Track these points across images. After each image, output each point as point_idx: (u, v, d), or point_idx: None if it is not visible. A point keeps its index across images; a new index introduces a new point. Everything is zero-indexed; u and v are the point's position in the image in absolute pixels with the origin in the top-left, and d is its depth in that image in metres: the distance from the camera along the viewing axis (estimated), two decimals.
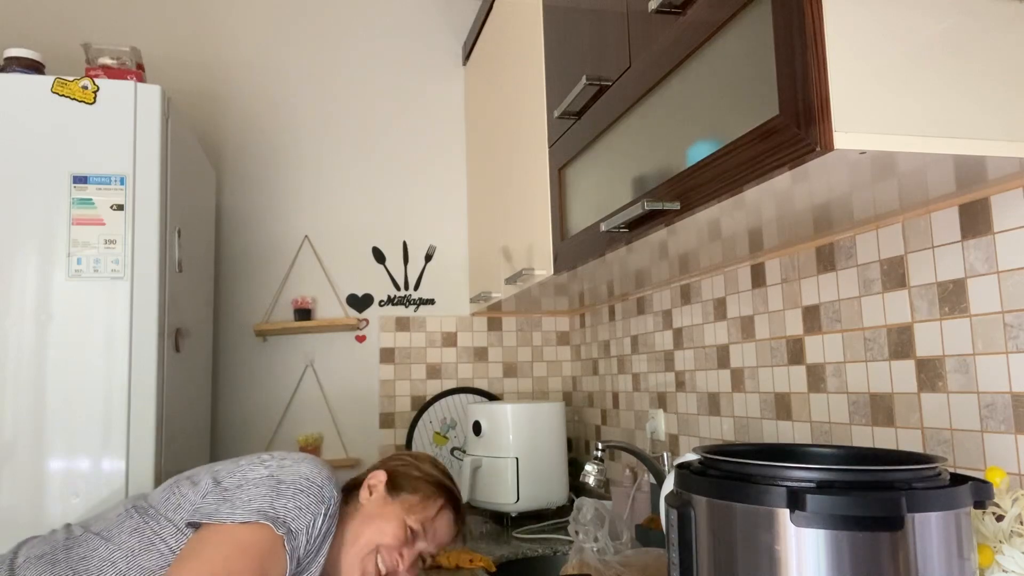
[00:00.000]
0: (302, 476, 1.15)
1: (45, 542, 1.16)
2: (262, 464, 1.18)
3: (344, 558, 1.25)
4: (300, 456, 1.22)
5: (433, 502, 1.32)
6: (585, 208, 1.46)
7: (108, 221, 1.61)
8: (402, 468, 1.35)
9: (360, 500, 1.30)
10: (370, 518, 1.27)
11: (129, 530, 1.14)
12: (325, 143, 2.47)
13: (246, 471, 1.17)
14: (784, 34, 0.83)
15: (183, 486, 1.19)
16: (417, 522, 1.28)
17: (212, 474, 1.19)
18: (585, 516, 1.56)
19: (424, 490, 1.32)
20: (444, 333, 2.50)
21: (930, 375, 1.10)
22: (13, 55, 1.68)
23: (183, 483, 1.20)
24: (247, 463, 1.20)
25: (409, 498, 1.30)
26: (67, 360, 1.57)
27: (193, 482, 1.19)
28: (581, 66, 1.44)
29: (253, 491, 1.12)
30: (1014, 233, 0.97)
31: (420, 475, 1.34)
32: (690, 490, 0.83)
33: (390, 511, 1.28)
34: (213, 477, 1.18)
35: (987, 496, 0.76)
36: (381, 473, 1.33)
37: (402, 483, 1.32)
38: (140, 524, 1.14)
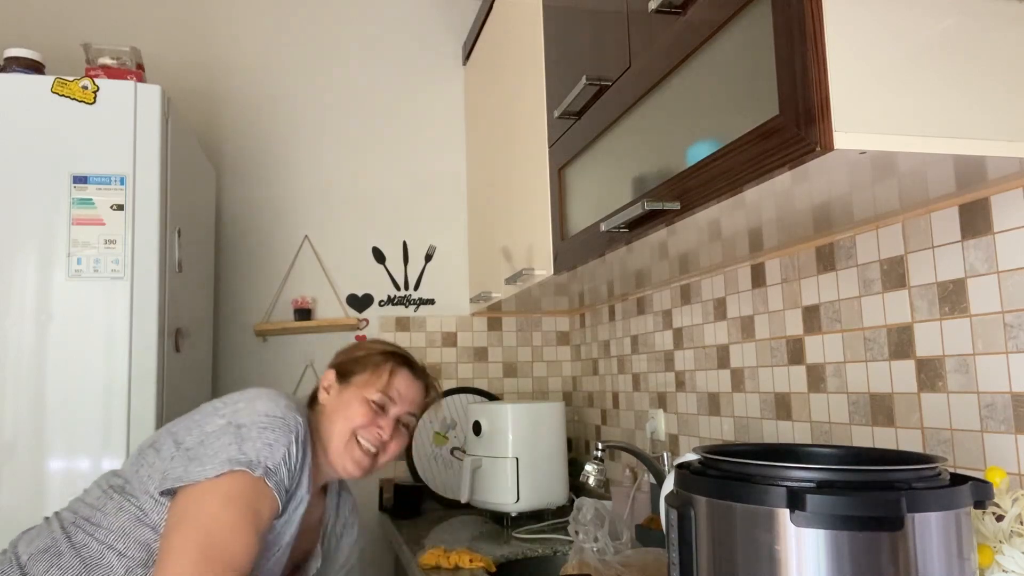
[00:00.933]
0: (261, 414, 1.14)
1: (42, 534, 1.14)
2: (217, 414, 1.15)
3: (331, 458, 1.28)
4: (253, 394, 1.19)
5: (382, 369, 1.33)
6: (585, 208, 1.46)
7: (108, 221, 1.61)
8: (345, 358, 1.37)
9: (321, 403, 1.34)
10: (334, 412, 1.30)
11: (114, 511, 1.12)
12: (325, 143, 2.47)
13: (203, 425, 1.14)
14: (784, 34, 0.83)
15: (148, 455, 1.16)
16: (376, 392, 1.31)
17: (171, 436, 1.16)
18: (585, 516, 1.55)
19: (370, 363, 1.34)
20: (444, 333, 2.50)
21: (930, 375, 1.10)
22: (13, 55, 1.68)
23: (148, 452, 1.17)
24: (202, 417, 1.16)
25: (359, 377, 1.33)
26: (67, 360, 1.57)
27: (156, 448, 1.16)
28: (581, 66, 1.44)
29: (216, 443, 1.10)
30: (1014, 233, 0.97)
31: (363, 353, 1.36)
32: (690, 490, 0.83)
33: (348, 396, 1.31)
34: (173, 439, 1.15)
35: (987, 496, 0.76)
36: (329, 371, 1.36)
37: (349, 369, 1.34)
38: (122, 502, 1.12)
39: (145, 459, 1.15)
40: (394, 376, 1.34)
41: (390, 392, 1.32)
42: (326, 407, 1.32)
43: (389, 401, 1.32)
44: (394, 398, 1.33)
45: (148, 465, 1.14)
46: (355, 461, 1.28)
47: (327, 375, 1.37)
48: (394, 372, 1.34)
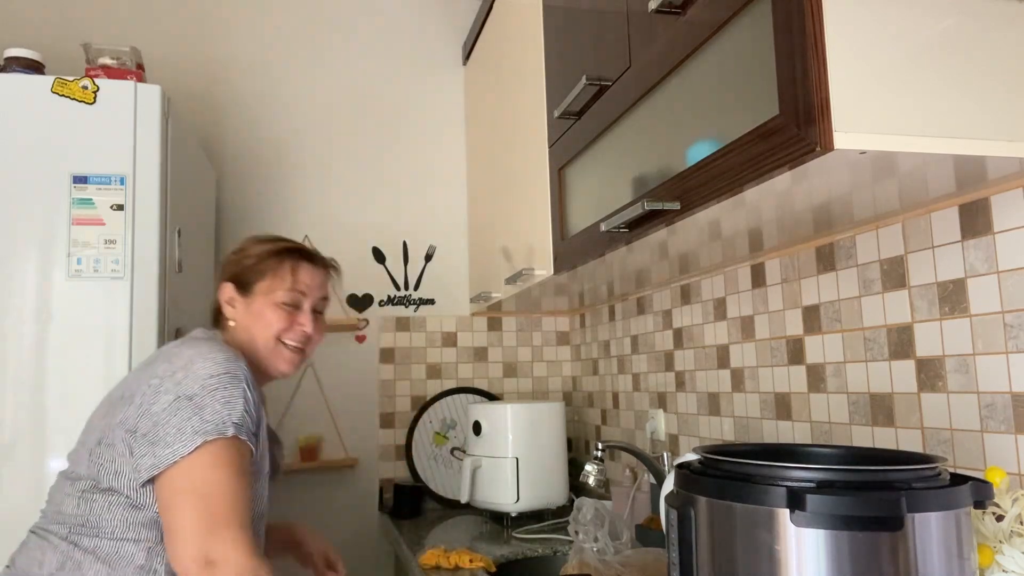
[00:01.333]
0: (205, 377, 1.12)
1: (48, 551, 1.12)
2: (160, 391, 1.11)
3: (263, 366, 1.30)
4: (186, 359, 1.14)
5: (281, 270, 1.31)
6: (585, 208, 1.46)
7: (108, 221, 1.61)
8: (236, 268, 1.33)
9: (230, 319, 1.32)
10: (251, 325, 1.30)
11: (105, 509, 1.11)
12: (325, 143, 2.47)
13: (150, 407, 1.10)
14: (784, 34, 0.83)
15: (103, 453, 1.12)
16: (284, 294, 1.30)
17: (121, 427, 1.12)
18: (585, 516, 1.56)
19: (266, 267, 1.31)
20: (444, 333, 2.50)
21: (930, 375, 1.10)
22: (13, 55, 1.68)
23: (100, 450, 1.13)
24: (144, 399, 1.12)
25: (261, 285, 1.31)
26: (67, 360, 1.57)
27: (109, 444, 1.13)
28: (581, 66, 1.44)
29: (174, 419, 1.08)
30: (1014, 233, 0.97)
31: (253, 260, 1.32)
32: (690, 490, 0.83)
33: (258, 306, 1.30)
34: (124, 430, 1.11)
35: (987, 496, 0.76)
36: (225, 286, 1.33)
37: (247, 279, 1.32)
38: (108, 499, 1.11)
39: (101, 457, 1.13)
40: (296, 272, 1.32)
41: (298, 288, 1.31)
42: (238, 323, 1.31)
43: (300, 296, 1.32)
44: (304, 292, 1.32)
45: (109, 461, 1.12)
46: (286, 361, 1.31)
47: (224, 289, 1.33)
48: (295, 268, 1.32)
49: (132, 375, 1.21)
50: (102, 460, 1.12)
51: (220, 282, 1.35)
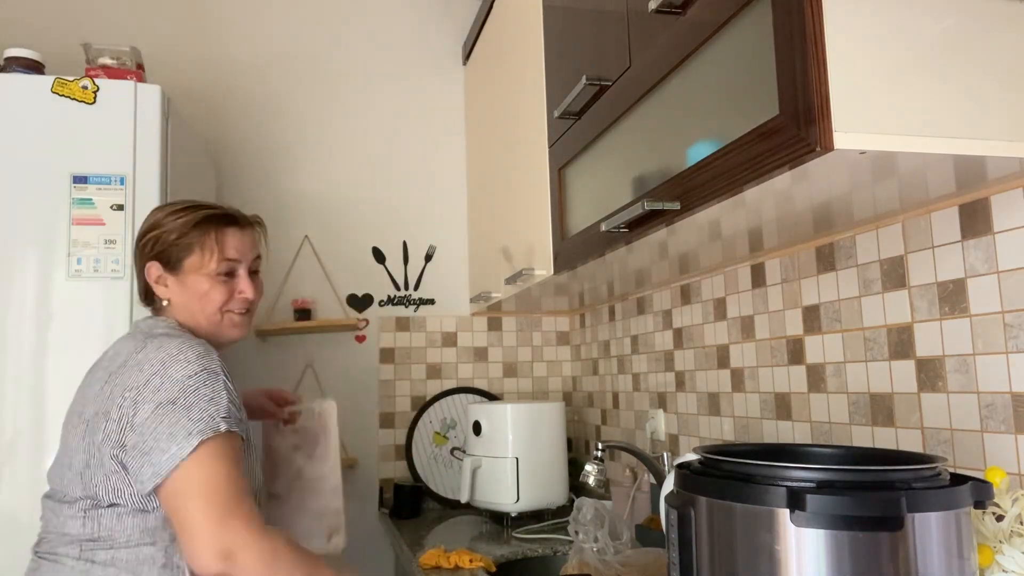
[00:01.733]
0: (182, 379, 1.08)
1: (61, 572, 1.10)
2: (139, 403, 1.08)
3: (212, 338, 1.25)
4: (157, 364, 1.10)
5: (208, 241, 1.24)
6: (585, 208, 1.46)
7: (108, 221, 1.61)
8: (159, 246, 1.24)
9: (163, 298, 1.26)
10: (189, 302, 1.24)
11: (115, 520, 1.09)
12: (325, 143, 2.47)
13: (131, 419, 1.07)
14: (784, 34, 0.83)
15: (95, 475, 1.09)
16: (216, 265, 1.24)
17: (107, 445, 1.08)
18: (585, 516, 1.55)
19: (191, 241, 1.23)
20: (444, 333, 2.50)
21: (930, 375, 1.10)
22: (13, 55, 1.68)
23: (93, 472, 1.09)
24: (123, 413, 1.08)
25: (190, 261, 1.23)
26: (67, 360, 1.57)
27: (99, 464, 1.09)
28: (581, 66, 1.44)
29: (160, 427, 1.06)
30: (1014, 233, 0.97)
31: (175, 234, 1.23)
32: (690, 490, 0.83)
33: (192, 282, 1.23)
34: (111, 446, 1.08)
35: (987, 496, 0.76)
36: (151, 266, 1.25)
37: (172, 256, 1.24)
38: (115, 512, 1.10)
39: (93, 479, 1.10)
40: (223, 240, 1.25)
41: (229, 256, 1.25)
42: (175, 301, 1.25)
43: (234, 264, 1.26)
44: (236, 258, 1.26)
45: (103, 480, 1.09)
46: (234, 326, 1.27)
47: (152, 269, 1.24)
48: (220, 236, 1.25)
49: (94, 386, 1.15)
50: (95, 481, 1.10)
51: (142, 262, 1.26)
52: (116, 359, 1.16)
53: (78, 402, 1.18)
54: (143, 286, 1.28)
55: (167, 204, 1.30)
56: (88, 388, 1.17)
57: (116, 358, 1.16)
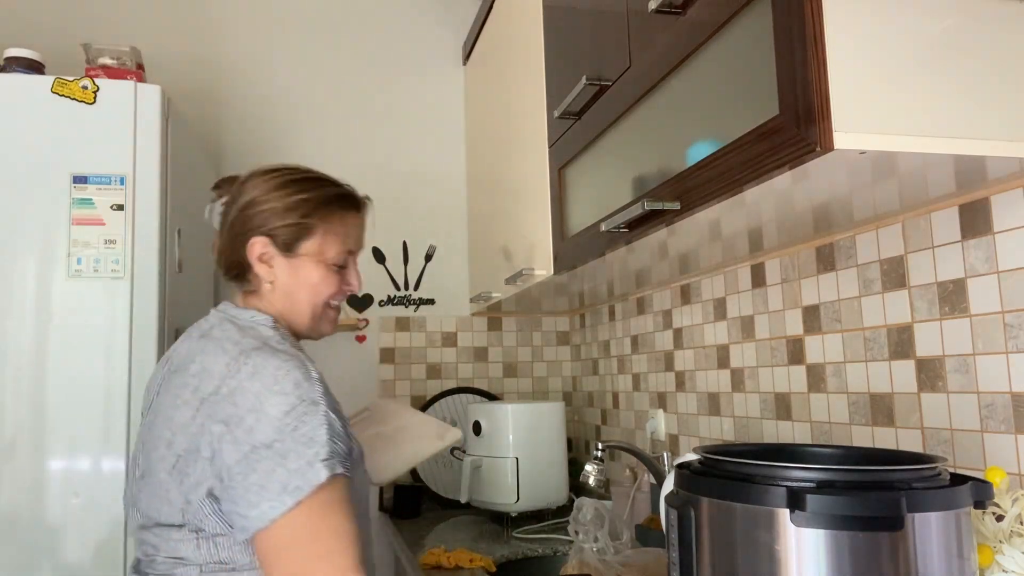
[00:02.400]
0: (279, 418, 0.94)
1: None
2: (230, 442, 0.94)
3: (303, 331, 1.14)
4: (252, 398, 0.95)
5: (333, 226, 1.11)
6: (585, 208, 1.46)
7: (108, 221, 1.61)
8: (274, 220, 1.09)
9: (262, 277, 1.10)
10: (293, 290, 1.10)
11: (239, 551, 0.98)
12: (325, 142, 2.47)
13: (223, 461, 0.94)
14: (784, 34, 0.83)
15: (198, 513, 0.97)
16: (336, 255, 1.12)
17: (201, 489, 0.96)
18: (585, 516, 1.55)
19: (313, 224, 1.10)
20: (444, 333, 2.50)
21: (930, 375, 1.10)
22: (13, 55, 1.68)
23: (195, 510, 0.97)
24: (216, 455, 0.95)
25: (308, 244, 1.10)
26: (67, 360, 1.57)
27: (199, 504, 0.97)
28: (581, 66, 1.44)
29: (254, 478, 0.92)
30: (1014, 233, 0.97)
31: (296, 211, 1.09)
32: (690, 490, 0.83)
33: (304, 271, 1.10)
34: (205, 492, 0.96)
35: (987, 496, 0.76)
36: (257, 241, 1.08)
37: (288, 235, 1.09)
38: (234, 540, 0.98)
39: (196, 516, 0.98)
40: (348, 227, 1.14)
41: (351, 247, 1.14)
42: (277, 285, 1.10)
43: (349, 255, 1.15)
44: (353, 249, 1.16)
45: (207, 517, 0.97)
46: (330, 322, 1.16)
47: (256, 245, 1.08)
48: (346, 222, 1.13)
49: (183, 411, 0.99)
50: (198, 518, 0.98)
51: (244, 233, 1.09)
52: (207, 379, 0.98)
53: (163, 422, 1.01)
54: (235, 261, 1.11)
55: (277, 170, 1.13)
56: (175, 410, 1.00)
57: (207, 378, 0.99)
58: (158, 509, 1.01)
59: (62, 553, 1.52)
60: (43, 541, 1.52)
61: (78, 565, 1.52)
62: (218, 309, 1.13)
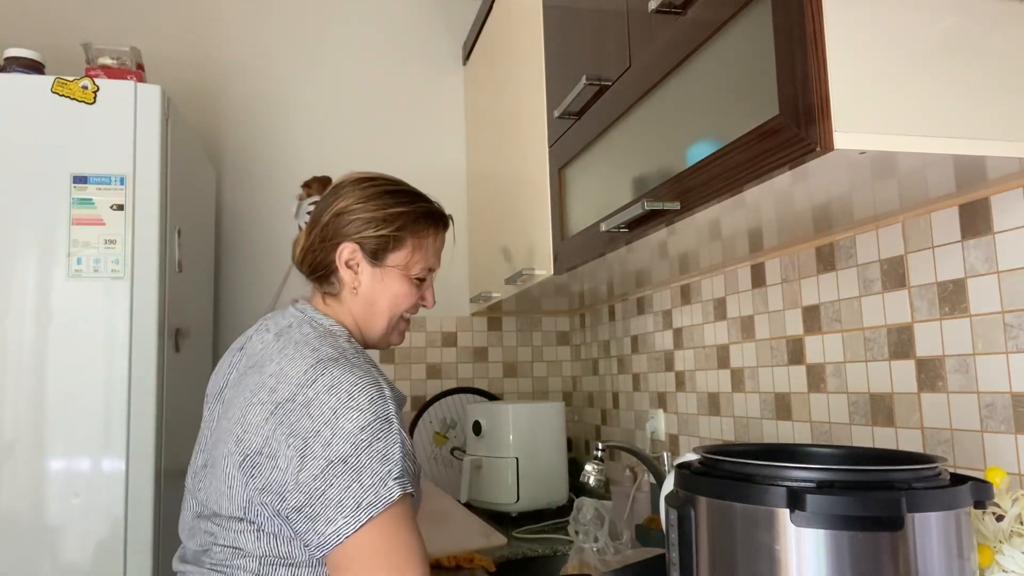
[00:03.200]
0: (355, 433, 0.94)
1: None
2: (307, 456, 0.93)
3: (374, 341, 1.15)
4: (329, 411, 0.95)
5: (424, 241, 1.15)
6: (585, 208, 1.46)
7: (108, 221, 1.61)
8: (367, 228, 1.11)
9: (346, 282, 1.12)
10: (373, 299, 1.13)
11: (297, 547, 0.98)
12: (325, 143, 2.47)
13: (297, 474, 0.93)
14: (784, 34, 0.83)
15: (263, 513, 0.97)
16: (421, 270, 1.15)
17: (269, 493, 0.95)
18: (585, 516, 1.56)
19: (406, 237, 1.13)
20: (444, 333, 2.50)
21: (930, 375, 1.10)
22: (13, 55, 1.68)
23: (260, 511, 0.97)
24: (290, 465, 0.94)
25: (397, 256, 1.13)
26: (67, 360, 1.57)
27: (262, 508, 0.97)
28: (581, 66, 1.44)
29: (331, 493, 0.92)
30: (1014, 233, 0.97)
31: (392, 224, 1.12)
32: (690, 490, 0.83)
33: (389, 281, 1.13)
34: (275, 497, 0.95)
35: (987, 496, 0.76)
36: (347, 246, 1.11)
37: (380, 246, 1.11)
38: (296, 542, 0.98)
39: (258, 516, 0.98)
40: (436, 245, 1.17)
41: (432, 264, 1.17)
42: (360, 292, 1.12)
43: (430, 272, 1.18)
44: (435, 267, 1.19)
45: (270, 520, 0.97)
46: (400, 334, 1.19)
47: (346, 250, 1.11)
48: (435, 239, 1.17)
49: (256, 410, 0.98)
50: (261, 519, 0.98)
51: (335, 237, 1.12)
52: (284, 384, 0.98)
53: (235, 418, 1.01)
54: (321, 262, 1.13)
55: (373, 179, 1.17)
56: (249, 407, 0.99)
57: (284, 382, 0.98)
58: (218, 502, 1.01)
59: (62, 553, 1.52)
60: (43, 541, 1.52)
61: (78, 565, 1.52)
62: (297, 308, 1.14)
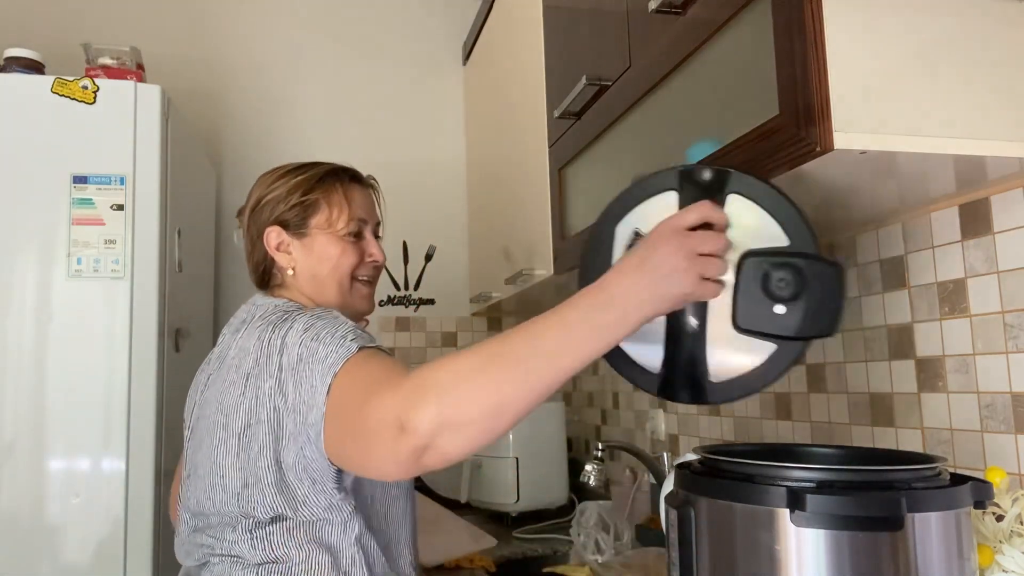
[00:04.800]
0: (299, 332, 0.95)
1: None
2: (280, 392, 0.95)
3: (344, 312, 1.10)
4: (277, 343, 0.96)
5: (335, 197, 1.15)
6: (585, 208, 1.46)
7: (108, 221, 1.61)
8: (279, 207, 1.14)
9: (284, 266, 1.13)
10: (315, 271, 1.13)
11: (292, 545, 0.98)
12: (325, 143, 2.47)
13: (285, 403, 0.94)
14: (784, 34, 0.83)
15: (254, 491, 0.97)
16: (346, 224, 1.14)
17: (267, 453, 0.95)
18: (588, 520, 1.56)
19: (317, 199, 1.14)
20: (444, 333, 2.50)
21: (930, 375, 1.10)
22: (13, 55, 1.68)
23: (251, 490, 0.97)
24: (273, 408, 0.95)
25: (316, 220, 1.13)
26: (67, 360, 1.57)
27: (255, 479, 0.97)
28: (581, 66, 1.44)
29: (305, 385, 0.92)
30: (1014, 233, 0.97)
31: (298, 192, 1.13)
32: (690, 490, 0.83)
33: (320, 247, 1.13)
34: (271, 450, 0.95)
35: (987, 496, 0.76)
36: (271, 231, 1.13)
37: (294, 216, 1.13)
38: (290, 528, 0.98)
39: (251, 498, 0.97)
40: (350, 196, 1.16)
41: (357, 215, 1.16)
42: (299, 270, 1.13)
43: (362, 224, 1.16)
44: (364, 217, 1.17)
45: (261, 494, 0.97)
46: (363, 298, 1.17)
47: (271, 235, 1.12)
48: (348, 192, 1.16)
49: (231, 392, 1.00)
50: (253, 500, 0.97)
51: (259, 230, 1.14)
52: (245, 357, 1.01)
53: (214, 411, 1.02)
54: (259, 261, 1.16)
55: (275, 169, 1.20)
56: (224, 394, 1.01)
57: (245, 356, 1.01)
58: (212, 499, 1.00)
59: (62, 553, 1.52)
60: (43, 541, 1.52)
61: (78, 565, 1.52)
62: (248, 302, 1.15)
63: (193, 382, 1.17)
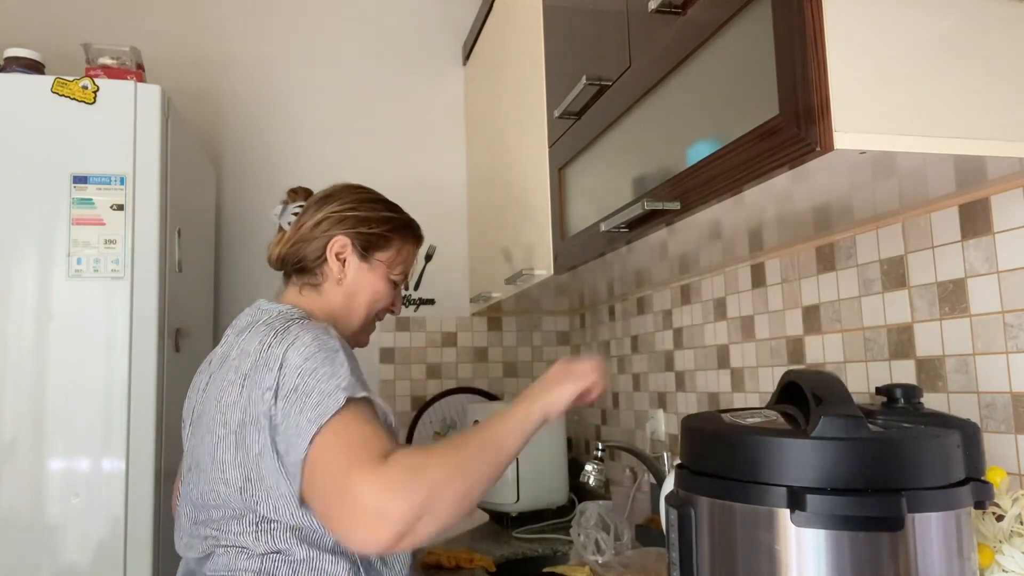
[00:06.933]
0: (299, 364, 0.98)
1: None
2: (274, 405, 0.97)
3: (346, 335, 1.20)
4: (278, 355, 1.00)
5: (406, 245, 1.27)
6: (585, 208, 1.46)
7: (108, 221, 1.61)
8: (361, 226, 1.21)
9: (332, 273, 1.19)
10: (355, 292, 1.20)
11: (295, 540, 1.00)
12: (325, 143, 2.47)
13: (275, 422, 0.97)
14: (784, 34, 0.83)
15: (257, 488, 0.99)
16: (399, 274, 1.26)
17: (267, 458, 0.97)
18: (588, 520, 1.56)
19: (394, 238, 1.25)
20: (444, 333, 2.50)
21: (930, 375, 1.10)
22: (13, 55, 1.68)
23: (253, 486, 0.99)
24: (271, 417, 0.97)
25: (384, 254, 1.23)
26: (67, 360, 1.57)
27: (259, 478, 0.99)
28: (581, 66, 1.44)
29: (292, 419, 0.95)
30: (1014, 233, 0.97)
31: (384, 225, 1.23)
32: (690, 490, 0.83)
33: (373, 277, 1.22)
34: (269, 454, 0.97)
35: (987, 496, 0.76)
36: (340, 238, 1.19)
37: (371, 243, 1.22)
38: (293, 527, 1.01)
39: (255, 494, 0.99)
40: (413, 255, 1.29)
41: (407, 270, 1.28)
42: (344, 284, 1.19)
43: (404, 277, 1.28)
44: (407, 273, 1.29)
45: (266, 495, 0.99)
46: (368, 334, 1.27)
47: (338, 241, 1.19)
48: (413, 248, 1.29)
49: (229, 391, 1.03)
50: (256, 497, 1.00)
51: (328, 231, 1.19)
52: (245, 359, 1.03)
53: (213, 408, 1.05)
54: (309, 252, 1.19)
55: (369, 190, 1.29)
56: (223, 392, 1.04)
57: (245, 358, 1.03)
58: (216, 492, 1.02)
59: (62, 553, 1.52)
60: (43, 541, 1.52)
61: (78, 565, 1.52)
62: (252, 306, 1.18)
63: (192, 382, 1.18)
